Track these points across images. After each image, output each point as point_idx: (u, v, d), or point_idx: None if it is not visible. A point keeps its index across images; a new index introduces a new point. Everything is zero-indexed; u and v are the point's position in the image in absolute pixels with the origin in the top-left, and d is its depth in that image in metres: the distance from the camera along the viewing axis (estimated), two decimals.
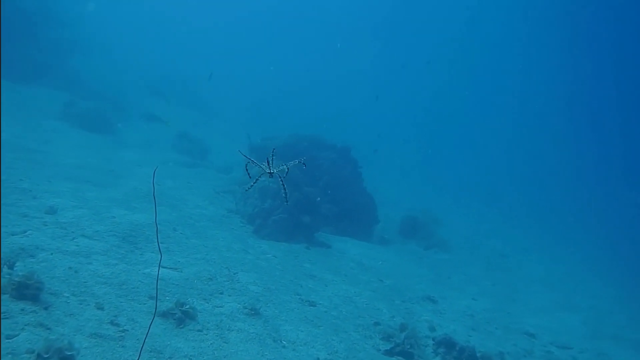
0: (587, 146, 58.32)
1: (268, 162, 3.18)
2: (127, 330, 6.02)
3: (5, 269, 6.35)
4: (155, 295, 7.30)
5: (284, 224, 12.83)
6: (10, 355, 4.70)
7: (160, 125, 25.66)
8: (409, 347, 8.69)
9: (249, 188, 3.24)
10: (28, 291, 5.79)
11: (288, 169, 3.28)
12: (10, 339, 4.98)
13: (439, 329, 10.29)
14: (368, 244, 15.95)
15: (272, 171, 3.19)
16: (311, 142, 16.70)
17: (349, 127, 32.81)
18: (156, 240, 9.65)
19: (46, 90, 21.52)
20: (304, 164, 3.45)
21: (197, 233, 10.93)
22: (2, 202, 9.07)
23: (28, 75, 21.14)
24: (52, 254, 7.36)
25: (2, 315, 5.31)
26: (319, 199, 14.10)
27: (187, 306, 6.97)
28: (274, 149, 3.56)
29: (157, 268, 8.31)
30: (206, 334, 6.74)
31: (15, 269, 6.50)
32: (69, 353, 4.89)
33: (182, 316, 6.83)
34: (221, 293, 8.25)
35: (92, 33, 29.64)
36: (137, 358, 5.50)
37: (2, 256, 6.82)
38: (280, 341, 7.46)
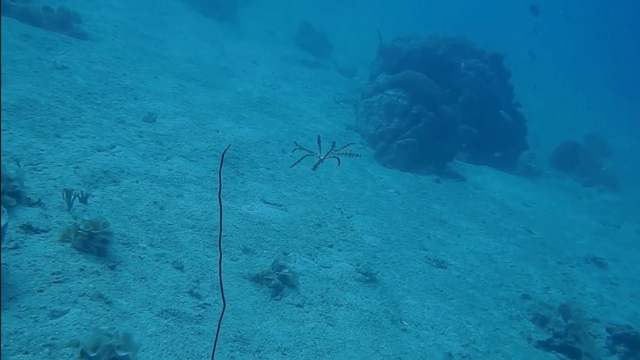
0: None
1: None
2: (209, 306, 4.66)
3: (76, 202, 5.24)
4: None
5: (411, 149, 10.62)
6: (47, 348, 3.52)
7: (283, 13, 23.61)
8: (572, 340, 6.56)
9: (293, 165, 3.09)
10: (92, 243, 4.58)
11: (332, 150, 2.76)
12: (55, 318, 3.80)
13: (612, 309, 7.90)
14: (511, 176, 13.16)
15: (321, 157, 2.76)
16: (454, 46, 13.57)
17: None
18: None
19: None
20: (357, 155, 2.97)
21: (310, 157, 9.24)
22: (100, 102, 8.08)
23: None
24: (138, 181, 6.16)
25: (54, 277, 4.17)
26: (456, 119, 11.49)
27: (287, 270, 5.45)
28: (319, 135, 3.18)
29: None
30: (307, 312, 5.23)
31: (88, 202, 5.38)
32: (123, 354, 3.60)
33: (280, 283, 5.35)
34: (330, 246, 6.64)
35: None
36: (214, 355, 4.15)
37: (81, 180, 5.75)
38: (401, 322, 5.78)
